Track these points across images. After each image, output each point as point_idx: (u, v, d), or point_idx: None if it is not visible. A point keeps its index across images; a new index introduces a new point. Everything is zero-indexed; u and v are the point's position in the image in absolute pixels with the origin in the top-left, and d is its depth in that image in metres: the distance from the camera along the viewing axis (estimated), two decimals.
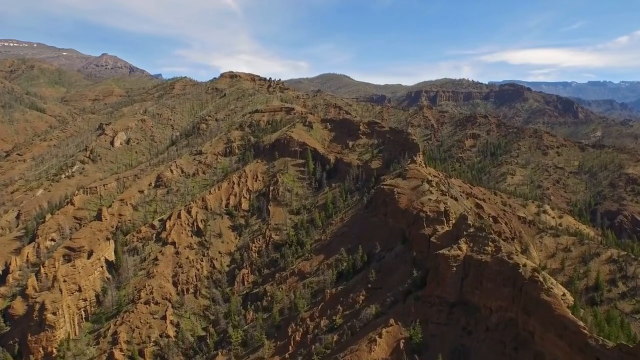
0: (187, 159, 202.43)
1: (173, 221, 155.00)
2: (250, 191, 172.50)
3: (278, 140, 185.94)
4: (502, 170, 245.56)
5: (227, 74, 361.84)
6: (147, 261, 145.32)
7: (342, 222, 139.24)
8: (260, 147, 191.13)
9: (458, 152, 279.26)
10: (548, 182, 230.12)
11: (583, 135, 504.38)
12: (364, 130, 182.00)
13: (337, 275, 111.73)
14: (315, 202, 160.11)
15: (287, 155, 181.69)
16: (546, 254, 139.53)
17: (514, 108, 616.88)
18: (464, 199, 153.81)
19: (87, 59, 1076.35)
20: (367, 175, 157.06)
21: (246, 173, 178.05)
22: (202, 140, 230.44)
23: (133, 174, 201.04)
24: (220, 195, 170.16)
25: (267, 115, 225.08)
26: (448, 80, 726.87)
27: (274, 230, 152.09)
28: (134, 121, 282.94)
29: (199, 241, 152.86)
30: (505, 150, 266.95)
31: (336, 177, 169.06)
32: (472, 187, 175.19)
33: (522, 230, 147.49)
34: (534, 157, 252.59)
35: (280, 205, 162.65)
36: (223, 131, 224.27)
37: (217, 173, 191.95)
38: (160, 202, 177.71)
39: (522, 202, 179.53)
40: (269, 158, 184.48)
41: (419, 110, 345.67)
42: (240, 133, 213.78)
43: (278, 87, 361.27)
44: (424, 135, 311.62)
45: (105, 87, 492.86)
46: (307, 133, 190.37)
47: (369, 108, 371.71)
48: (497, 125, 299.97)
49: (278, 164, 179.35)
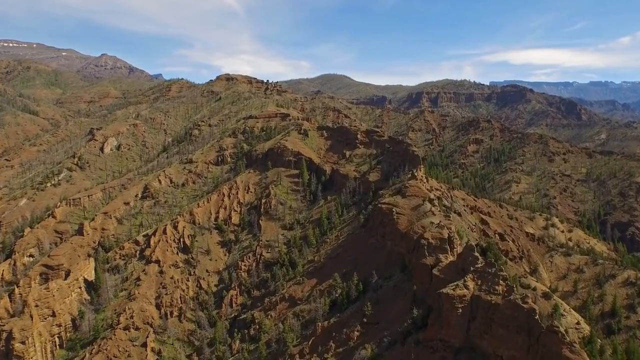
0: (176, 167, 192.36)
1: (158, 237, 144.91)
2: (241, 204, 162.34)
3: (271, 149, 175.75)
4: (506, 177, 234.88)
5: (224, 76, 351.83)
6: (129, 281, 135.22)
7: (337, 240, 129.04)
8: (253, 156, 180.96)
9: (460, 158, 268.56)
10: (554, 191, 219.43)
11: (587, 138, 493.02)
12: (362, 139, 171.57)
13: (330, 304, 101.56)
14: (310, 216, 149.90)
15: (280, 165, 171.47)
16: (557, 275, 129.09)
17: (517, 110, 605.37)
18: (468, 214, 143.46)
19: (87, 59, 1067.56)
20: (365, 189, 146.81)
21: (237, 184, 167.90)
22: (194, 147, 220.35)
23: (120, 183, 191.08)
24: (209, 208, 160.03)
25: (262, 121, 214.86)
26: (449, 81, 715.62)
27: (265, 248, 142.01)
28: (126, 126, 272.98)
29: (185, 259, 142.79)
30: (510, 156, 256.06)
31: (332, 190, 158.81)
32: (477, 200, 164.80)
33: (530, 248, 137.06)
34: (539, 164, 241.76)
35: (273, 219, 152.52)
36: (216, 138, 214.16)
37: (207, 183, 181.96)
38: (147, 215, 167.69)
39: (529, 215, 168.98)
40: (262, 168, 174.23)
41: (420, 113, 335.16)
42: (233, 140, 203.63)
43: (275, 90, 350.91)
44: (425, 140, 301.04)
45: (101, 89, 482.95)
46: (302, 142, 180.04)
47: (368, 111, 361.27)
48: (501, 130, 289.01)
49: (271, 175, 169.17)
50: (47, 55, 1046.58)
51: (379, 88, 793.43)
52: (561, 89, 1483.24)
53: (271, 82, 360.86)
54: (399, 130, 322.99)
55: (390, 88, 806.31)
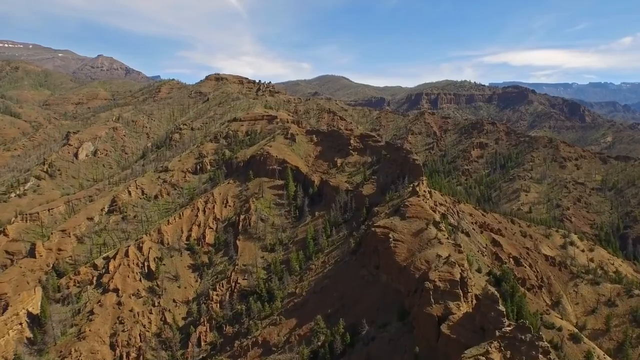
0: (150, 177, 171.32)
1: (118, 261, 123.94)
2: (217, 220, 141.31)
3: (254, 156, 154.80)
4: (514, 185, 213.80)
5: (213, 76, 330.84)
6: (81, 314, 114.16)
7: (323, 267, 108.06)
8: (234, 164, 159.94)
9: (464, 163, 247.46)
10: (568, 201, 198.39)
11: (592, 141, 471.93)
12: (356, 145, 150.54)
13: (310, 355, 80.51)
14: (294, 236, 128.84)
15: (263, 174, 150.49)
16: (584, 308, 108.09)
17: (518, 111, 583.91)
18: (477, 233, 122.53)
19: (83, 60, 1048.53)
20: (357, 204, 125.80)
21: (214, 197, 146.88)
22: (173, 153, 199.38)
23: (87, 194, 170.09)
24: (180, 226, 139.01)
25: (247, 124, 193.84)
26: (449, 82, 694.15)
27: (241, 273, 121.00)
28: (105, 129, 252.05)
29: (149, 286, 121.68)
30: (517, 162, 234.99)
31: (320, 204, 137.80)
32: (485, 214, 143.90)
33: (551, 275, 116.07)
34: (550, 171, 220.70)
35: (252, 238, 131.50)
36: (197, 143, 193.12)
37: (183, 195, 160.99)
38: (112, 232, 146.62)
39: (545, 232, 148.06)
40: (243, 178, 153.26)
41: (420, 115, 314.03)
42: (214, 146, 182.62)
43: (268, 91, 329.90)
44: (426, 144, 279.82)
45: (90, 90, 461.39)
46: (289, 148, 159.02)
47: (365, 113, 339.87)
48: (507, 133, 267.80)
49: (252, 186, 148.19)
50: (43, 56, 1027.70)
51: (377, 89, 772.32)
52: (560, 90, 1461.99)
53: (263, 82, 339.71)
54: (397, 134, 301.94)
55: (389, 89, 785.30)
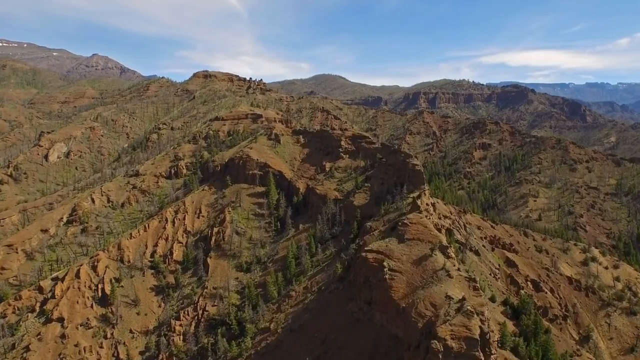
0: (119, 182, 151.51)
1: (67, 283, 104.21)
2: (188, 233, 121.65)
3: (232, 160, 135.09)
4: (521, 190, 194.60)
5: (201, 73, 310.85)
6: (15, 350, 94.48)
7: (305, 294, 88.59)
8: (210, 168, 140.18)
9: (466, 165, 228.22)
10: (580, 208, 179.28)
11: (595, 141, 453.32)
12: (347, 147, 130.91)
13: None
14: (274, 253, 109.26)
15: (242, 180, 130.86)
16: (620, 345, 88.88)
17: (518, 111, 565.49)
18: (488, 251, 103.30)
19: (78, 59, 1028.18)
20: (348, 216, 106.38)
21: (186, 206, 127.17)
22: (149, 154, 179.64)
23: (48, 202, 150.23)
24: (145, 240, 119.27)
25: (229, 123, 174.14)
26: (447, 81, 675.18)
27: (210, 298, 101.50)
28: (81, 129, 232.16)
29: (102, 314, 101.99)
30: (523, 164, 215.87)
31: (306, 215, 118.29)
32: (495, 226, 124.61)
33: (577, 302, 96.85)
34: (559, 174, 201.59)
35: (226, 256, 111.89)
36: (174, 144, 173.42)
37: (154, 203, 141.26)
38: (69, 247, 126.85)
39: (562, 245, 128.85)
40: (219, 184, 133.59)
41: (419, 115, 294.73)
42: (191, 147, 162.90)
43: (259, 88, 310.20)
44: (425, 145, 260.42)
45: (77, 89, 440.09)
46: (272, 150, 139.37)
47: (361, 112, 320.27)
48: (511, 134, 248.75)
49: (229, 194, 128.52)
50: (37, 55, 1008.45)
51: (374, 89, 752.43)
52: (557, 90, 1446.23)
53: (254, 79, 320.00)
54: (394, 134, 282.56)
55: (386, 89, 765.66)
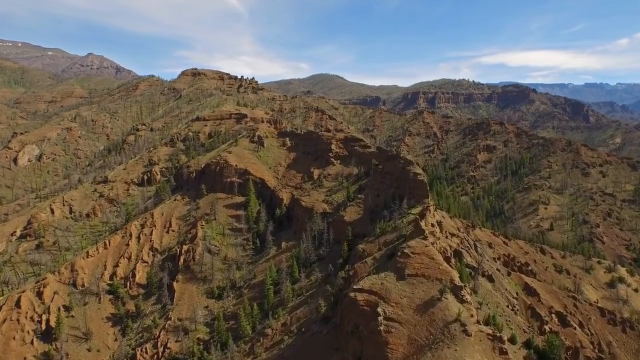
0: (85, 190, 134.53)
1: (4, 314, 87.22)
2: (155, 251, 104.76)
3: (208, 165, 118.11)
4: (530, 197, 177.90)
5: (190, 71, 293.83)
6: None
7: (283, 334, 71.82)
8: (184, 174, 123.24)
9: (469, 169, 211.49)
10: (596, 216, 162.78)
11: (600, 142, 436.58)
12: (338, 151, 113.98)
13: None
14: (251, 277, 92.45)
15: (219, 189, 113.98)
16: None
17: (519, 111, 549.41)
18: (503, 275, 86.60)
19: (73, 58, 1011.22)
20: (337, 234, 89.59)
21: (154, 219, 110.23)
22: (123, 158, 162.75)
23: (3, 212, 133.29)
24: (104, 259, 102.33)
25: (211, 124, 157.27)
26: (447, 80, 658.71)
27: (173, 332, 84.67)
28: (57, 130, 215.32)
29: (44, 352, 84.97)
30: (532, 168, 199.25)
31: (290, 230, 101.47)
32: (507, 242, 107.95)
33: (612, 339, 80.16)
34: (571, 179, 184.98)
35: (195, 279, 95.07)
36: (150, 147, 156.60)
37: (122, 213, 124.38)
38: (19, 265, 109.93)
39: (583, 263, 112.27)
40: (194, 193, 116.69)
41: (418, 114, 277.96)
42: (168, 151, 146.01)
43: (250, 87, 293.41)
44: (425, 147, 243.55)
45: (65, 88, 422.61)
46: (254, 154, 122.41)
47: (358, 112, 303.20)
48: (517, 135, 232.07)
49: (204, 204, 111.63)
50: (32, 54, 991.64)
51: (372, 88, 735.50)
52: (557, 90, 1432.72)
53: (246, 78, 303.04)
54: (393, 135, 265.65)
55: (384, 88, 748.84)
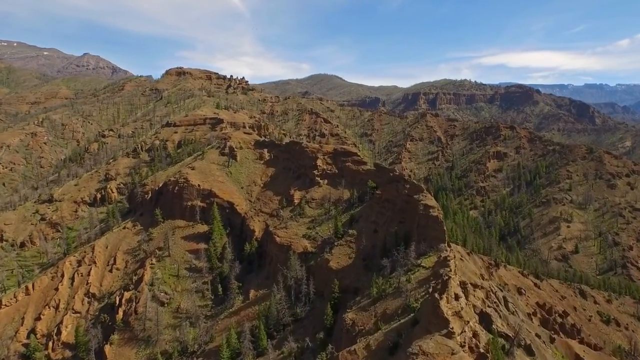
0: (24, 211, 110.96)
1: None
2: (92, 297, 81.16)
3: (166, 185, 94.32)
4: (550, 212, 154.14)
5: (174, 70, 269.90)
6: None
7: None
8: (138, 195, 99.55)
9: (478, 179, 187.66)
10: (627, 236, 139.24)
11: (608, 146, 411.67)
12: (325, 167, 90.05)
13: None
14: (207, 338, 68.85)
15: (178, 214, 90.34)
16: None
17: (523, 112, 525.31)
18: (546, 344, 63.00)
19: (69, 58, 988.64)
20: (320, 284, 65.86)
21: (94, 254, 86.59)
22: (85, 169, 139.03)
23: None
24: (23, 309, 78.74)
25: (182, 131, 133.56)
26: (448, 81, 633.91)
27: None
28: (20, 136, 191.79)
29: None
30: (548, 179, 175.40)
31: (261, 274, 77.72)
32: (539, 284, 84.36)
33: None
34: (595, 192, 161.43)
35: (135, 340, 71.53)
36: (110, 158, 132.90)
37: (62, 244, 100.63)
38: None
39: (635, 309, 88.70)
40: (148, 220, 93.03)
41: (421, 117, 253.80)
42: (130, 163, 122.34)
43: (240, 88, 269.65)
44: (429, 153, 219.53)
45: (49, 88, 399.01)
46: (224, 170, 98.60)
47: (355, 114, 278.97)
48: (530, 140, 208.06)
49: (159, 235, 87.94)
50: (27, 54, 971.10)
51: (372, 89, 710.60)
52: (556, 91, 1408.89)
53: (236, 77, 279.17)
54: (393, 140, 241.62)
55: (384, 89, 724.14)
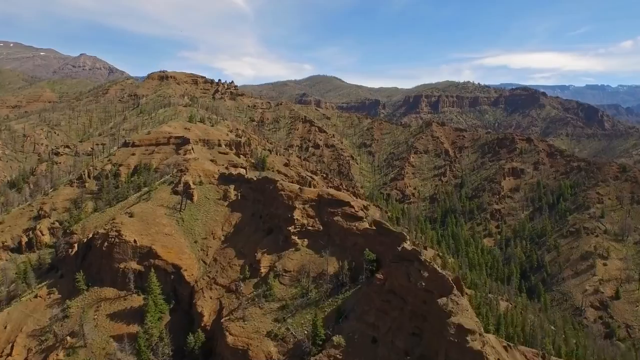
0: None
1: None
2: None
3: (93, 240, 69.22)
4: (581, 246, 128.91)
5: (157, 74, 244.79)
6: None
7: None
8: (61, 249, 74.48)
9: (492, 200, 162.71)
10: None
11: (622, 152, 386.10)
12: (306, 222, 64.58)
13: None
14: None
15: (107, 279, 65.40)
16: None
17: (529, 116, 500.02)
18: None
19: (65, 59, 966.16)
20: None
21: None
22: (22, 199, 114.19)
23: None
24: None
25: (140, 152, 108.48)
26: (451, 83, 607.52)
27: None
28: None
29: None
30: (575, 202, 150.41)
31: None
32: None
33: None
34: (634, 220, 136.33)
35: None
36: (51, 187, 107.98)
37: None
38: None
39: None
40: (69, 286, 68.15)
41: (426, 127, 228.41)
42: (73, 193, 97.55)
43: (228, 92, 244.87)
44: (435, 168, 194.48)
45: (33, 91, 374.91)
46: (174, 217, 73.41)
47: (354, 122, 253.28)
48: (550, 155, 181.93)
49: (77, 310, 63.05)
50: (24, 54, 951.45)
51: (372, 91, 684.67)
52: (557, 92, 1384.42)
53: (224, 81, 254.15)
54: (395, 152, 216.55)
55: (384, 90, 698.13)
